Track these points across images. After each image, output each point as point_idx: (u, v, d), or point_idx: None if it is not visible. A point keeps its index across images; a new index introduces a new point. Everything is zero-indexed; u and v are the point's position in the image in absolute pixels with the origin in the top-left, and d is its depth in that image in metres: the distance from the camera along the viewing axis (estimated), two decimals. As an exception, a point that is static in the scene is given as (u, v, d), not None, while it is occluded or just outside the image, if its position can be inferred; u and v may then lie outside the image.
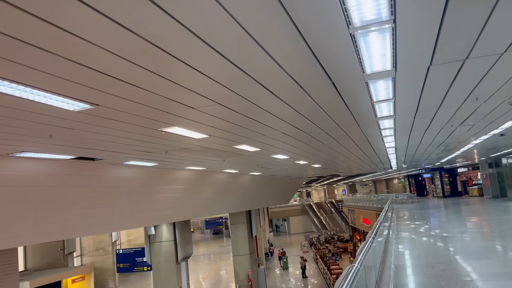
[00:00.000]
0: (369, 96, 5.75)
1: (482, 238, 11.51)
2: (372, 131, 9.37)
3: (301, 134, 8.91)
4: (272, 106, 5.97)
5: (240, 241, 27.09)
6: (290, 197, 35.68)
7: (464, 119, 8.71)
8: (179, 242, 19.49)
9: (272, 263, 39.36)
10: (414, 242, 11.68)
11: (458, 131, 10.52)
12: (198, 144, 8.27)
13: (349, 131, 9.13)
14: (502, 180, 27.52)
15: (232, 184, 17.78)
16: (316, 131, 8.64)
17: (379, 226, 7.34)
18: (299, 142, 10.17)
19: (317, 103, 6.00)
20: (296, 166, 16.78)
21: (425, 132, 10.28)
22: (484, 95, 6.50)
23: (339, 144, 11.48)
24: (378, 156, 16.76)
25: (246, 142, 8.93)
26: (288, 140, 9.50)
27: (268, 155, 11.77)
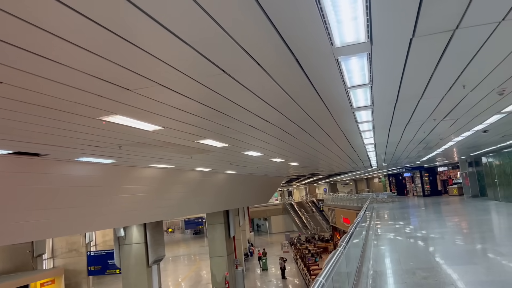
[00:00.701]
0: (341, 79, 4.89)
1: (465, 240, 10.82)
2: (349, 125, 8.54)
3: (271, 128, 8.02)
4: (232, 92, 5.06)
5: (217, 242, 26.12)
6: (269, 196, 34.83)
7: (448, 111, 7.95)
8: (150, 244, 18.42)
9: (252, 264, 38.48)
10: (394, 244, 10.93)
11: (440, 126, 9.80)
12: (155, 138, 7.30)
13: (323, 124, 8.28)
14: (482, 179, 27.20)
15: (205, 183, 16.81)
16: (287, 124, 7.77)
17: (353, 232, 6.52)
18: (271, 137, 9.29)
19: (282, 88, 5.11)
20: (273, 164, 15.92)
21: (405, 126, 9.51)
22: (472, 81, 5.71)
23: (314, 140, 10.64)
24: (357, 154, 16.02)
25: (211, 136, 8.00)
26: (258, 134, 8.61)
27: (238, 151, 10.86)
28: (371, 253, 9.66)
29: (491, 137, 13.91)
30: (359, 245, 10.07)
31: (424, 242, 10.93)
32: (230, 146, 9.56)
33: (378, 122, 8.48)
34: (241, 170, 17.12)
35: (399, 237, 12.14)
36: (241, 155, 11.75)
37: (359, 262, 8.42)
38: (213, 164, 13.35)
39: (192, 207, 17.60)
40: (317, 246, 38.53)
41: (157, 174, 12.67)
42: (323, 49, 3.80)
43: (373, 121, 8.10)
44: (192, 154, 10.17)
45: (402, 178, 45.60)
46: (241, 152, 11.02)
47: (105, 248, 36.21)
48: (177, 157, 10.70)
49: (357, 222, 8.84)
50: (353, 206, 29.08)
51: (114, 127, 5.97)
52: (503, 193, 21.66)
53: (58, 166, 8.72)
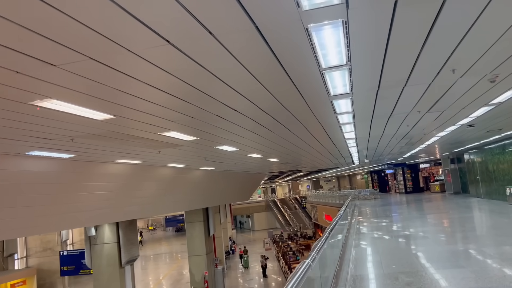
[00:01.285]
0: (315, 58, 4.14)
1: (449, 240, 10.24)
2: (328, 117, 7.82)
3: (242, 119, 7.24)
4: (187, 71, 4.28)
5: (196, 240, 25.28)
6: (250, 193, 34.08)
7: (434, 102, 7.30)
8: (123, 244, 17.50)
9: (234, 262, 37.72)
10: (376, 244, 10.29)
11: (425, 119, 9.16)
12: (109, 129, 6.46)
13: (300, 115, 7.54)
14: (463, 176, 26.94)
15: (181, 180, 15.96)
16: (259, 115, 7.00)
17: (328, 236, 5.81)
18: (244, 130, 8.52)
19: (246, 67, 4.34)
20: (251, 160, 15.16)
21: (388, 119, 8.85)
22: (463, 65, 5.03)
23: (292, 134, 9.91)
24: (338, 150, 15.37)
25: (175, 128, 7.18)
26: (228, 126, 7.82)
27: (210, 145, 10.06)
28: (351, 254, 8.99)
29: (475, 132, 13.39)
30: (338, 246, 9.42)
31: (407, 242, 10.32)
32: (200, 139, 8.76)
33: (359, 114, 7.78)
34: (218, 166, 16.32)
35: (381, 237, 11.52)
36: (214, 150, 10.95)
37: (338, 265, 7.73)
38: (186, 159, 12.53)
39: (168, 205, 16.74)
40: (299, 244, 37.97)
41: (125, 170, 11.79)
42: (288, 10, 3.03)
43: (353, 112, 7.40)
44: (160, 148, 9.33)
45: (385, 175, 45.38)
46: (213, 146, 10.23)
47: (83, 247, 35.02)
48: (144, 152, 9.85)
49: (335, 223, 8.14)
50: (335, 203, 28.56)
51: (54, 114, 5.12)
52: (485, 190, 21.33)
53: (5, 161, 7.80)
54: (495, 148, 19.00)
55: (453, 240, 10.14)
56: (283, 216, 55.23)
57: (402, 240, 10.69)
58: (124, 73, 4.02)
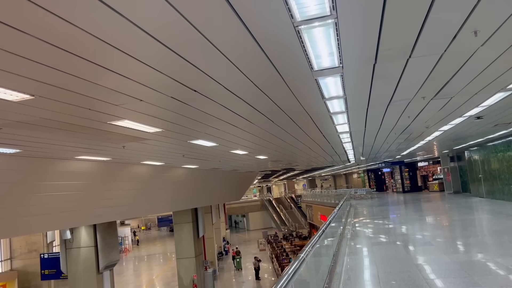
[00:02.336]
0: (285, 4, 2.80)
1: (457, 248, 8.90)
2: (315, 103, 6.47)
3: (213, 107, 5.90)
4: (122, 32, 2.94)
5: (184, 242, 23.93)
6: (241, 193, 32.69)
7: (444, 83, 5.96)
8: (101, 248, 16.12)
9: (227, 263, 36.37)
10: (373, 252, 8.94)
11: (429, 108, 7.83)
12: (31, 114, 5.08)
13: (279, 100, 6.18)
14: (464, 174, 25.66)
15: (160, 180, 14.59)
16: (232, 100, 5.66)
17: (314, 243, 4.50)
18: (219, 121, 7.17)
19: (189, 21, 3.00)
20: (237, 157, 13.80)
21: (387, 108, 7.51)
22: (487, 27, 3.70)
23: (275, 126, 8.55)
24: (332, 146, 14.04)
25: (127, 116, 5.83)
26: (198, 116, 6.48)
27: (184, 140, 8.71)
28: (344, 265, 7.65)
29: (482, 127, 12.09)
30: (329, 254, 8.10)
31: (408, 250, 8.98)
32: (166, 131, 7.41)
33: (352, 100, 6.44)
34: (202, 164, 14.97)
35: (378, 242, 10.19)
36: (190, 145, 9.60)
37: (327, 280, 6.41)
38: (162, 156, 11.17)
39: (148, 206, 15.35)
40: (294, 244, 36.64)
41: (91, 168, 10.42)
42: None
43: (345, 97, 6.04)
44: (121, 142, 7.97)
45: (381, 174, 44.11)
46: (187, 141, 8.87)
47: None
48: (107, 147, 8.50)
49: (321, 231, 6.80)
50: (330, 203, 27.24)
51: None
52: (487, 189, 20.03)
53: None
54: (499, 145, 17.69)
55: (461, 248, 8.81)
56: (279, 216, 53.90)
57: (402, 247, 9.35)
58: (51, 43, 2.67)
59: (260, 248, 40.83)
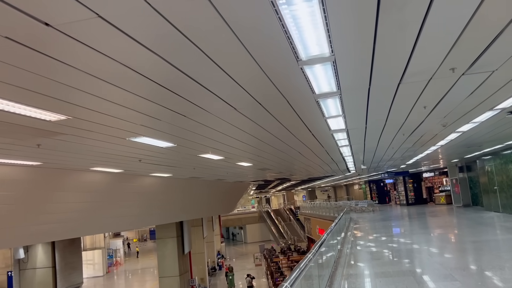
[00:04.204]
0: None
1: (488, 283, 6.48)
2: (301, 90, 4.19)
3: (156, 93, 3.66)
4: None
5: (168, 259, 21.43)
6: (232, 205, 30.16)
7: (487, 44, 3.66)
8: (60, 268, 13.73)
9: (220, 279, 33.75)
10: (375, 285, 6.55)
11: (457, 90, 5.49)
12: None
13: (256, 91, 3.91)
14: (474, 186, 23.17)
15: (124, 190, 12.23)
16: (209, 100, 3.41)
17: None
18: (167, 112, 4.88)
19: None
20: (213, 164, 11.44)
21: (397, 89, 5.18)
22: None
23: (256, 126, 6.25)
24: (326, 151, 11.68)
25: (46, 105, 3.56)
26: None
27: (121, 137, 6.41)
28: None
29: (508, 128, 9.74)
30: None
31: (420, 285, 6.57)
32: (101, 125, 5.11)
33: (345, 69, 4.14)
34: (176, 172, 12.63)
35: (383, 274, 7.77)
36: (140, 146, 7.29)
37: None
38: (112, 161, 8.84)
39: (112, 221, 12.92)
40: (291, 260, 34.00)
41: (25, 175, 8.13)
42: None
43: (334, 58, 3.75)
44: (30, 138, 5.68)
45: (384, 185, 41.53)
46: (127, 138, 6.55)
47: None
48: (19, 146, 6.23)
49: (308, 259, 4.50)
50: (329, 216, 24.76)
51: None
52: (504, 203, 17.55)
53: None
54: (520, 153, 15.33)
55: (497, 285, 6.39)
56: (277, 228, 51.26)
57: (415, 282, 6.93)
58: None
59: (256, 263, 38.22)
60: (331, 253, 8.87)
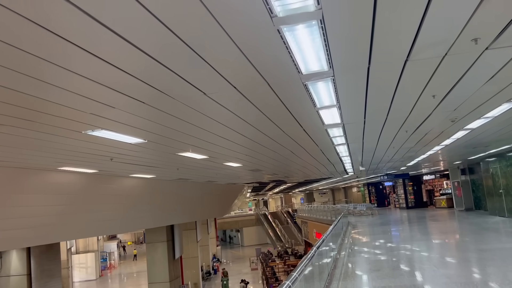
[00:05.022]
0: None
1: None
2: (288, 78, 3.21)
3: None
4: None
5: (157, 264, 20.40)
6: (226, 208, 29.04)
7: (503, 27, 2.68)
8: (36, 276, 12.68)
9: (215, 284, 32.66)
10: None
11: (476, 71, 4.50)
12: None
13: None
14: (477, 189, 22.17)
15: (101, 192, 11.19)
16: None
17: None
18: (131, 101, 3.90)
19: None
20: (198, 164, 10.42)
21: (404, 67, 4.20)
22: None
23: (238, 118, 5.26)
24: (321, 150, 10.67)
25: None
26: (95, 93, 3.23)
27: (78, 130, 5.41)
28: None
29: None
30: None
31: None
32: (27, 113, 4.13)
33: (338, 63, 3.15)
34: (159, 173, 11.62)
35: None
36: (103, 142, 6.28)
37: None
38: (79, 161, 7.83)
39: (89, 225, 11.83)
40: (288, 264, 32.92)
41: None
42: None
43: (325, 27, 2.76)
44: None
45: (383, 188, 40.51)
46: (83, 132, 5.54)
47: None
48: None
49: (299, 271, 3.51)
50: (327, 220, 23.74)
51: None
52: (511, 207, 16.54)
53: None
54: (528, 154, 14.33)
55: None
56: (274, 231, 50.16)
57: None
58: None
59: (252, 267, 37.15)
60: (326, 260, 7.87)
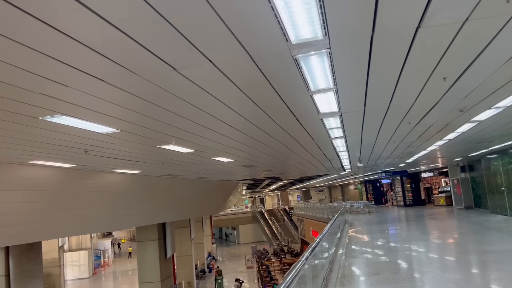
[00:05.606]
0: None
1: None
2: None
3: None
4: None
5: (148, 264, 19.64)
6: (220, 205, 28.25)
7: None
8: (15, 277, 11.94)
9: (209, 282, 31.93)
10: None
11: (482, 63, 3.79)
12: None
13: None
14: (477, 187, 21.50)
15: (82, 188, 10.42)
16: None
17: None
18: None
19: None
20: (185, 159, 9.68)
21: (410, 49, 3.47)
22: None
23: (222, 105, 4.52)
24: (319, 147, 9.94)
25: None
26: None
27: (35, 115, 4.66)
28: None
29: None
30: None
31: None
32: None
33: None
34: (142, 168, 10.87)
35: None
36: (69, 131, 5.53)
37: None
38: (49, 153, 7.07)
39: (68, 224, 11.01)
40: (283, 262, 32.25)
41: None
42: None
43: None
44: None
45: (380, 185, 39.85)
46: (41, 118, 4.79)
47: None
48: None
49: None
50: (323, 218, 23.07)
51: None
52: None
53: None
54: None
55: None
56: (270, 229, 49.48)
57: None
58: None
59: (248, 265, 36.46)
60: (322, 260, 7.16)
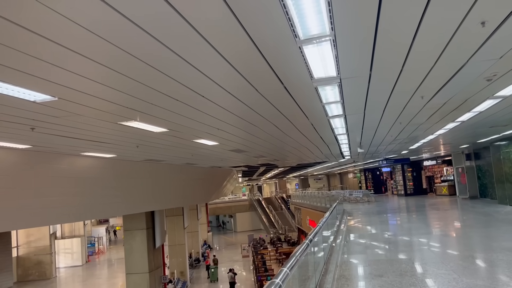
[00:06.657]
0: None
1: None
2: None
3: None
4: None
5: (136, 254, 18.57)
6: (214, 193, 27.10)
7: None
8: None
9: (203, 272, 30.94)
10: None
11: None
12: None
13: None
14: (483, 176, 20.31)
15: (53, 173, 9.20)
16: None
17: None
18: None
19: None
20: (162, 140, 8.45)
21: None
22: None
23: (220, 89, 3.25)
24: (315, 128, 8.68)
25: None
26: None
27: None
28: None
29: None
30: None
31: None
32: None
33: None
34: (115, 151, 9.64)
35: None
36: (3, 101, 4.30)
37: None
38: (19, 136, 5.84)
39: (41, 212, 9.84)
40: (280, 252, 31.25)
41: None
42: None
43: None
44: None
45: (380, 174, 38.70)
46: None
47: (30, 251, 28.60)
48: None
49: None
50: (321, 207, 21.94)
51: None
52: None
53: None
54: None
55: None
56: (268, 217, 48.52)
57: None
58: None
59: (243, 254, 35.51)
60: (317, 256, 5.98)
